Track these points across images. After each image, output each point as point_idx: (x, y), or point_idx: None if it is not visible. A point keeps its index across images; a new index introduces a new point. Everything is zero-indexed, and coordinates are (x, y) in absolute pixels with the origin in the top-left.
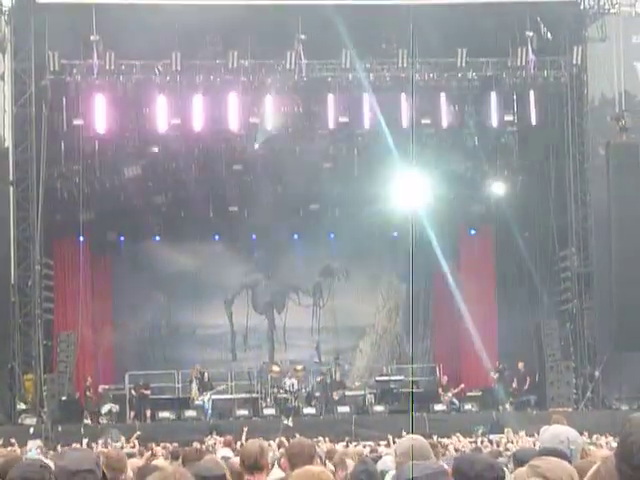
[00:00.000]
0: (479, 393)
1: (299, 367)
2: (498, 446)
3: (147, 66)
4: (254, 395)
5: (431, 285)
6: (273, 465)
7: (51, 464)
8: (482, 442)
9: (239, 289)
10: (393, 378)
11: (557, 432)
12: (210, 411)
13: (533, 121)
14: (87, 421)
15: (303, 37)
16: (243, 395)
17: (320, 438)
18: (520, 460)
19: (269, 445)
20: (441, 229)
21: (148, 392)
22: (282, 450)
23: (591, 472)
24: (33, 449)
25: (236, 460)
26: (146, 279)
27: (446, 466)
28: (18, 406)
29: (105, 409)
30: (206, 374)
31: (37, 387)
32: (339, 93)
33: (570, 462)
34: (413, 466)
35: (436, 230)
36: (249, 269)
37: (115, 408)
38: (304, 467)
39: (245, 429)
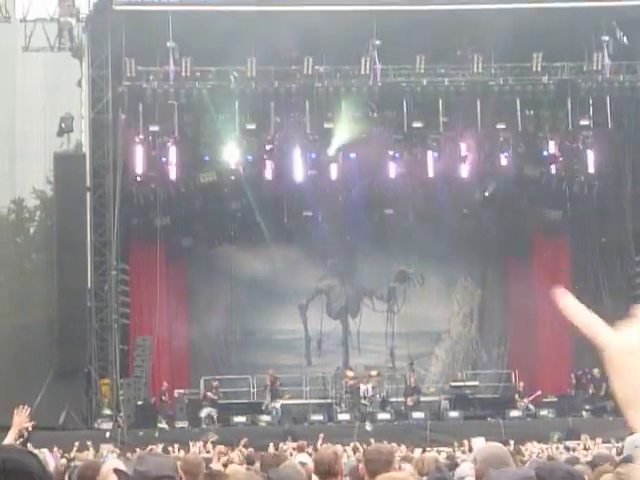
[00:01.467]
0: (555, 399)
1: (374, 372)
2: (575, 452)
3: (222, 72)
4: (329, 400)
5: (506, 290)
6: (349, 471)
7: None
8: (557, 448)
9: (313, 294)
10: (468, 384)
11: (633, 438)
12: (280, 416)
13: (609, 125)
14: (162, 425)
15: (378, 43)
16: (318, 400)
17: (394, 444)
18: (597, 467)
19: (344, 450)
20: (516, 234)
21: (215, 397)
22: (358, 455)
23: None
24: (109, 454)
25: (312, 466)
26: (221, 284)
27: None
28: (102, 411)
29: (204, 413)
30: (277, 382)
31: (113, 392)
32: (413, 98)
33: None
34: (500, 473)
35: (511, 235)
36: (323, 274)
37: (214, 412)
38: (388, 474)
39: (321, 435)
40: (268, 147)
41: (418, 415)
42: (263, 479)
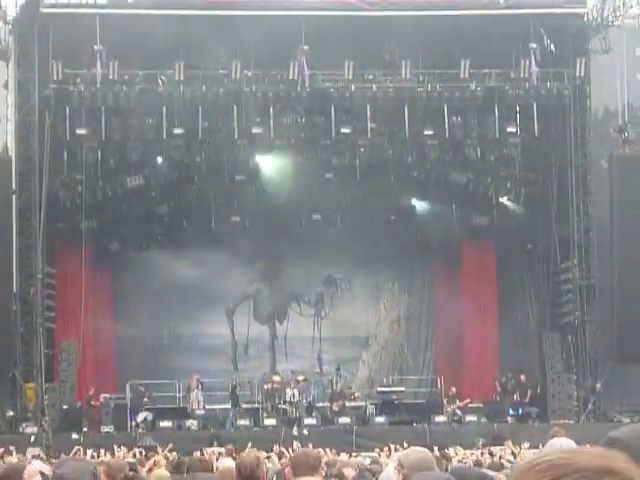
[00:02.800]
0: (480, 405)
1: (300, 377)
2: (500, 458)
3: (150, 76)
4: (255, 405)
5: (432, 296)
6: (273, 476)
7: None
8: (482, 454)
9: (241, 299)
10: (394, 389)
11: (554, 443)
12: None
13: (536, 133)
14: (85, 430)
15: (306, 48)
16: (244, 405)
17: (320, 449)
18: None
19: (268, 457)
20: (443, 240)
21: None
22: (284, 460)
23: None
24: (33, 460)
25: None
26: (148, 288)
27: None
28: (7, 413)
29: (141, 417)
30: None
31: (38, 396)
32: (342, 104)
33: None
34: (422, 476)
35: (438, 241)
36: (251, 279)
37: (150, 416)
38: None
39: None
40: (196, 151)
41: (344, 420)
42: None
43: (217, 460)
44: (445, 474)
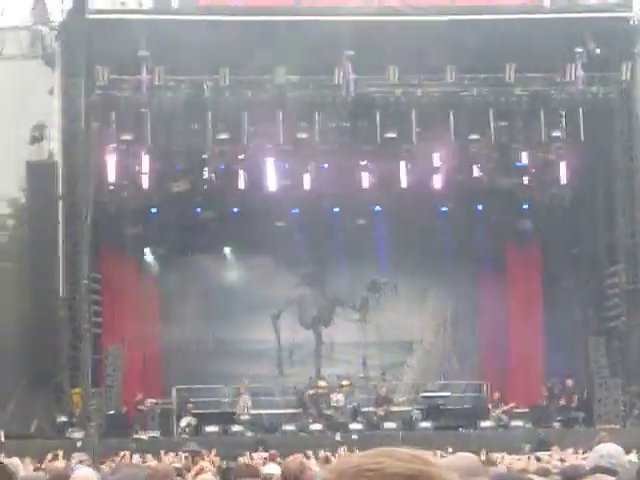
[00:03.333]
0: (527, 410)
1: (345, 382)
2: (547, 464)
3: (195, 82)
4: (300, 410)
5: (477, 301)
6: None
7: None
8: (529, 459)
9: (286, 304)
10: (439, 394)
11: (599, 449)
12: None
13: (582, 137)
14: (139, 436)
15: (351, 53)
16: (290, 410)
17: None
18: (568, 477)
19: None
20: (488, 245)
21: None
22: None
23: None
24: (78, 464)
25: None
26: (193, 293)
27: None
28: (58, 419)
29: (184, 422)
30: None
31: (85, 401)
32: (386, 109)
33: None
34: None
35: (483, 246)
36: (296, 284)
37: (194, 421)
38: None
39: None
40: (241, 157)
41: (389, 425)
42: None
43: (263, 465)
44: None
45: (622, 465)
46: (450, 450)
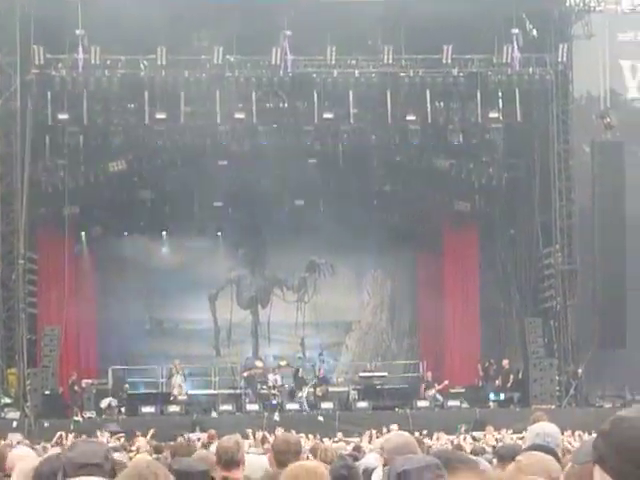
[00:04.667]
0: (462, 390)
1: (283, 363)
2: (481, 443)
3: (132, 61)
4: (237, 391)
5: (415, 281)
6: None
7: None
8: (465, 439)
9: (223, 284)
10: (377, 374)
11: (535, 428)
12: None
13: (518, 118)
14: (77, 418)
15: (289, 33)
16: (226, 391)
17: (302, 435)
18: (503, 456)
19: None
20: (425, 226)
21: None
22: (267, 446)
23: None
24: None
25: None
26: (130, 274)
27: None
28: (2, 400)
29: (104, 403)
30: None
31: (20, 381)
32: (324, 89)
33: (557, 457)
34: (406, 459)
35: (421, 226)
36: (234, 264)
37: (114, 402)
38: (298, 463)
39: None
40: (178, 136)
41: (327, 405)
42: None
43: (206, 447)
44: (429, 457)
45: (558, 444)
46: (385, 430)
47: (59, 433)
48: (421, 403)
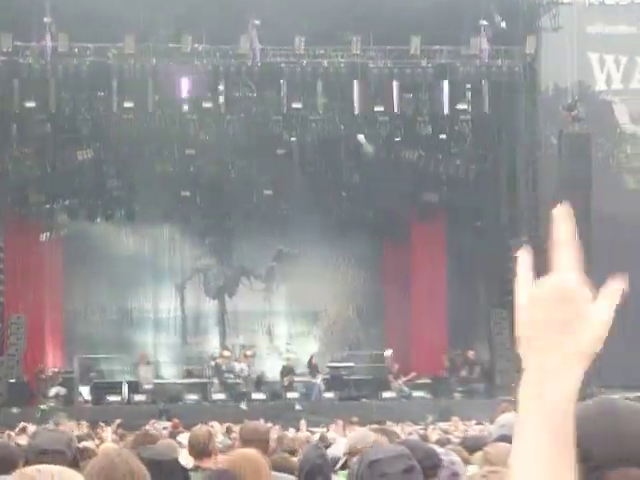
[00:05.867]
0: (429, 381)
1: (249, 352)
2: (447, 434)
3: (100, 49)
4: (204, 380)
5: (382, 271)
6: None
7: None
8: (433, 430)
9: (191, 273)
10: (343, 364)
11: (500, 419)
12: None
13: (486, 110)
14: (43, 407)
15: (258, 22)
16: (193, 380)
17: (269, 424)
18: (469, 447)
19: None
20: (393, 216)
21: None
22: (233, 435)
23: None
24: None
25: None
26: (97, 262)
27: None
28: None
29: (52, 392)
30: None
31: None
32: (293, 79)
33: None
34: (377, 449)
35: (388, 217)
36: (201, 254)
37: (62, 391)
38: (238, 451)
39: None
40: (146, 125)
41: (293, 395)
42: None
43: (169, 436)
44: (399, 446)
45: None
46: (354, 419)
47: (22, 424)
48: (387, 394)
